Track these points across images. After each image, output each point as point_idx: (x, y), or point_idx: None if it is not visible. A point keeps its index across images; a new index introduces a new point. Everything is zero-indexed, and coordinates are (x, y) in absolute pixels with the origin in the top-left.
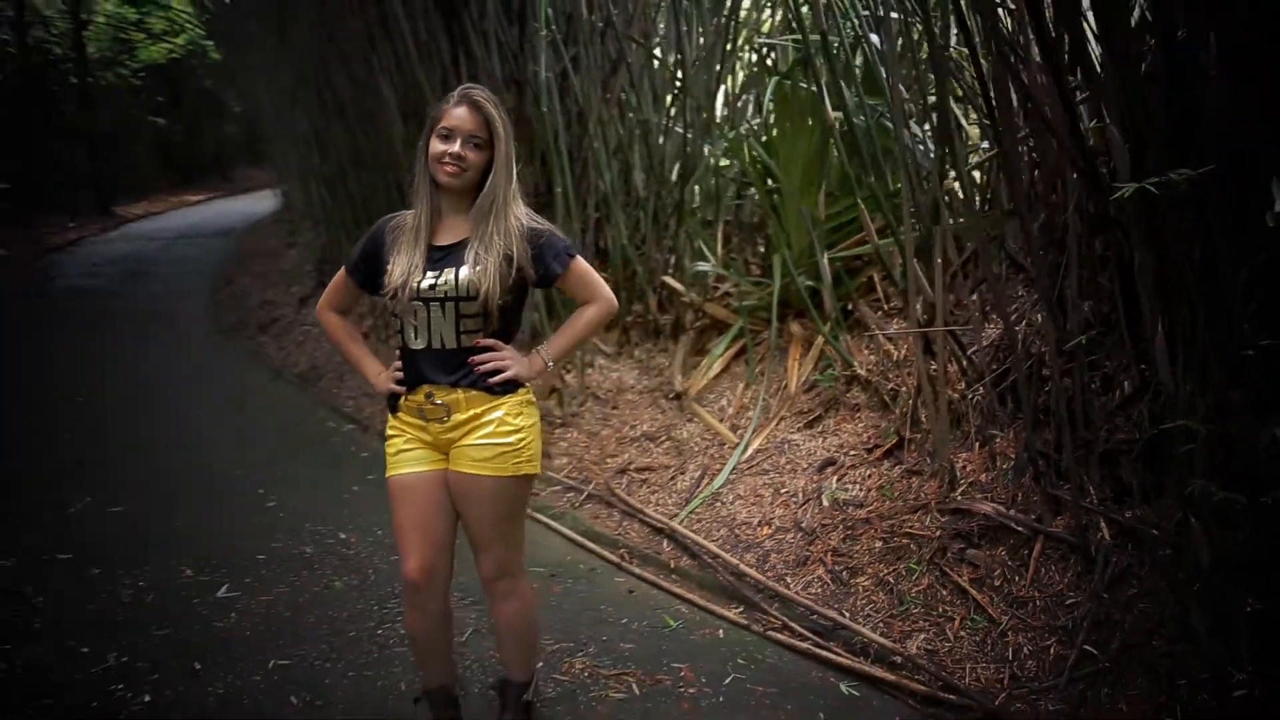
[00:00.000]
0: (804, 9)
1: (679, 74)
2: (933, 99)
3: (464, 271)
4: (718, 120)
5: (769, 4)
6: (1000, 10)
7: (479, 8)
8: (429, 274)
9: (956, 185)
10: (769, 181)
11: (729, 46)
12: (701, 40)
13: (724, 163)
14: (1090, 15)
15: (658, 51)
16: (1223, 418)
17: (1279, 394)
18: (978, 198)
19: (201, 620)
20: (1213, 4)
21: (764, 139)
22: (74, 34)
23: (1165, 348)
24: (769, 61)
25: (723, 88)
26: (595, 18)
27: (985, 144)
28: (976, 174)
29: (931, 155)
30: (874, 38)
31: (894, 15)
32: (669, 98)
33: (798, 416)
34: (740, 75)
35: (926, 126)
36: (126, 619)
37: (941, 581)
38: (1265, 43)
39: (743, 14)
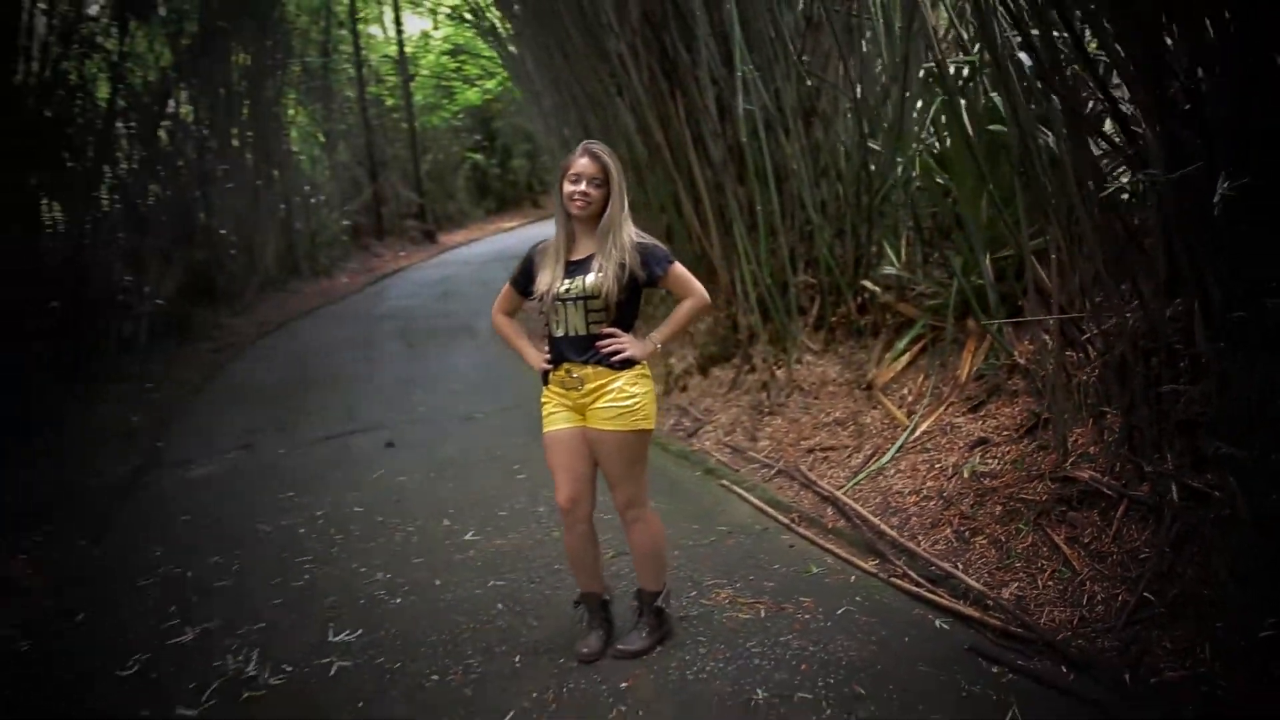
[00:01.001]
0: (964, 32)
1: (864, 98)
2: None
3: (590, 278)
4: (904, 136)
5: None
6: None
7: (693, 57)
8: (565, 281)
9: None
10: (950, 191)
11: (910, 73)
12: (884, 71)
13: (912, 175)
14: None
15: (844, 73)
16: (1264, 388)
17: None
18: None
19: (447, 554)
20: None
21: (936, 152)
22: (403, 86)
23: (1202, 325)
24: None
25: (907, 107)
26: (788, 55)
27: None
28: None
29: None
30: (1022, 56)
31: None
32: (859, 120)
33: (964, 402)
34: (927, 95)
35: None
36: (395, 551)
37: (1042, 539)
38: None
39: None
